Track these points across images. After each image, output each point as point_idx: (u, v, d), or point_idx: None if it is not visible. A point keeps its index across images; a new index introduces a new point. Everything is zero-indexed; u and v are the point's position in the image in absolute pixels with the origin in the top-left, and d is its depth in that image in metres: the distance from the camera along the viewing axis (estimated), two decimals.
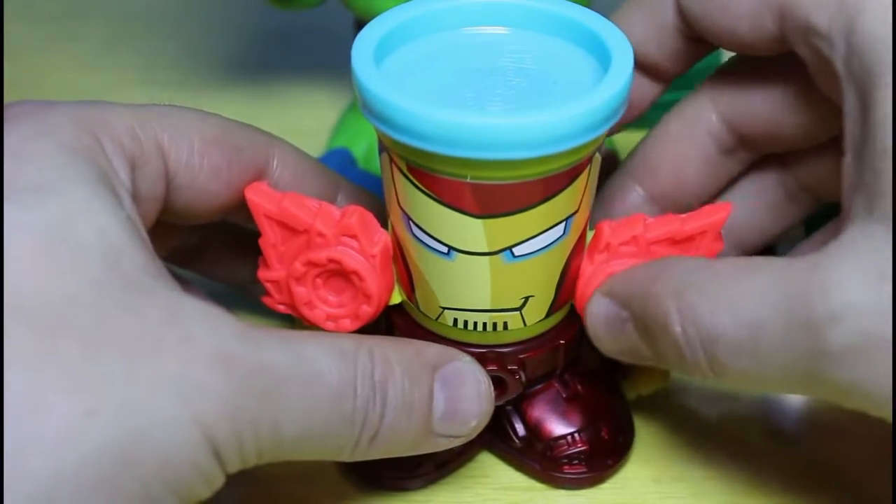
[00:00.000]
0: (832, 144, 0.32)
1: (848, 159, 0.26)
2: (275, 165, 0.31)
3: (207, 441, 0.24)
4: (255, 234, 0.31)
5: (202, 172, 0.29)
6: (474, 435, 0.30)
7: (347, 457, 0.27)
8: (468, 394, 0.29)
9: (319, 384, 0.26)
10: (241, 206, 0.30)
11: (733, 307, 0.25)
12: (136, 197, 0.27)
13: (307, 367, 0.26)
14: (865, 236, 0.24)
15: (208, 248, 0.36)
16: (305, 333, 0.27)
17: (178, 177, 0.29)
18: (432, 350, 0.29)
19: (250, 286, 0.36)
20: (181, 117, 0.29)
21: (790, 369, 0.25)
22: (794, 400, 0.36)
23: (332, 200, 0.33)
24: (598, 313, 0.30)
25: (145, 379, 0.23)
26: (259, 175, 0.31)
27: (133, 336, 0.23)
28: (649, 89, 0.33)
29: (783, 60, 0.29)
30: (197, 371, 0.24)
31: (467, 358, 0.29)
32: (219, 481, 0.25)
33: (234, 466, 0.25)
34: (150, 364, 0.23)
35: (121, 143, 0.27)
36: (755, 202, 0.34)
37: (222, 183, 0.30)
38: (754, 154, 0.33)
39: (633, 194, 0.34)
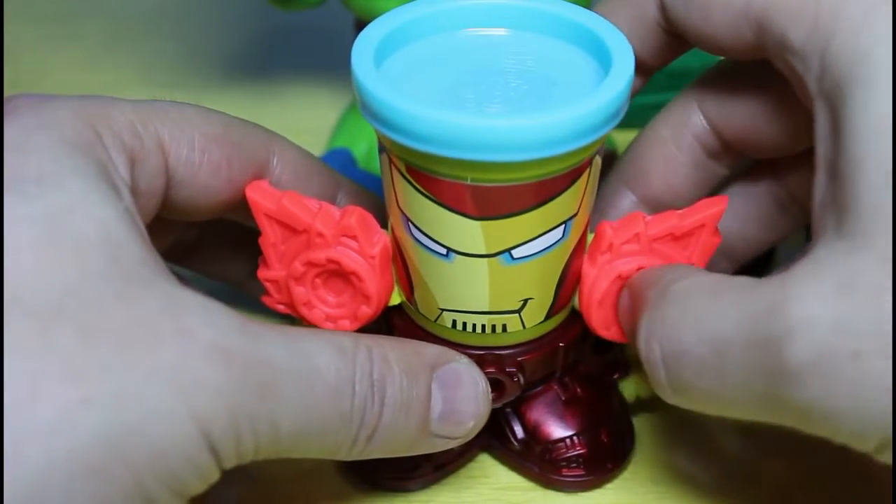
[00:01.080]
0: None
1: (819, 177, 0.26)
2: (275, 163, 0.31)
3: (203, 435, 0.24)
4: (253, 232, 0.31)
5: (202, 169, 0.29)
6: (471, 436, 0.30)
7: (345, 455, 0.27)
8: (465, 395, 0.29)
9: (318, 381, 0.26)
10: (240, 204, 0.30)
11: (698, 323, 0.25)
12: (135, 191, 0.27)
13: (306, 363, 0.26)
14: (830, 252, 0.24)
15: (205, 245, 0.36)
16: (304, 330, 0.27)
17: (178, 173, 0.29)
18: (430, 350, 0.29)
19: (246, 284, 0.36)
20: (182, 113, 0.29)
21: (750, 389, 0.25)
22: None
23: (333, 199, 0.33)
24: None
25: (142, 370, 0.23)
26: (259, 173, 0.31)
27: (130, 327, 0.23)
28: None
29: (766, 68, 0.29)
30: (194, 363, 0.24)
31: (465, 359, 0.29)
32: (214, 476, 0.25)
33: (231, 462, 0.25)
34: (146, 355, 0.23)
35: (121, 138, 0.27)
36: (746, 212, 0.34)
37: (222, 180, 0.30)
38: (740, 158, 0.33)
39: (625, 199, 0.34)
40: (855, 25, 0.25)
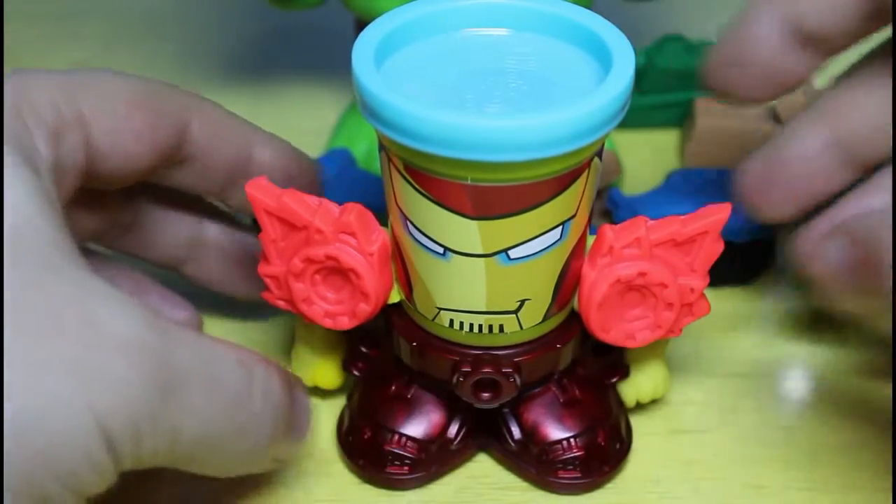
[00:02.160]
0: None
1: None
2: (195, 125, 0.31)
3: (100, 430, 0.22)
4: (187, 197, 0.31)
5: (124, 137, 0.29)
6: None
7: (234, 470, 0.28)
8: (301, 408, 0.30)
9: (220, 389, 0.25)
10: (164, 166, 0.31)
11: None
12: (56, 168, 0.27)
13: (211, 370, 0.25)
14: None
15: (142, 221, 0.35)
16: (210, 336, 0.27)
17: (101, 143, 0.29)
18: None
19: (187, 264, 0.36)
20: (102, 81, 0.29)
21: None
22: (795, 399, 0.36)
23: (250, 154, 0.33)
24: (833, 258, 0.28)
25: (41, 359, 0.22)
26: (180, 135, 0.31)
27: (34, 314, 0.22)
28: (810, 61, 0.31)
29: None
30: (97, 355, 0.23)
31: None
32: (110, 477, 0.24)
33: (128, 463, 0.24)
34: (48, 344, 0.22)
35: (40, 114, 0.27)
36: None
37: (145, 145, 0.30)
38: None
39: (816, 139, 0.32)
40: None
